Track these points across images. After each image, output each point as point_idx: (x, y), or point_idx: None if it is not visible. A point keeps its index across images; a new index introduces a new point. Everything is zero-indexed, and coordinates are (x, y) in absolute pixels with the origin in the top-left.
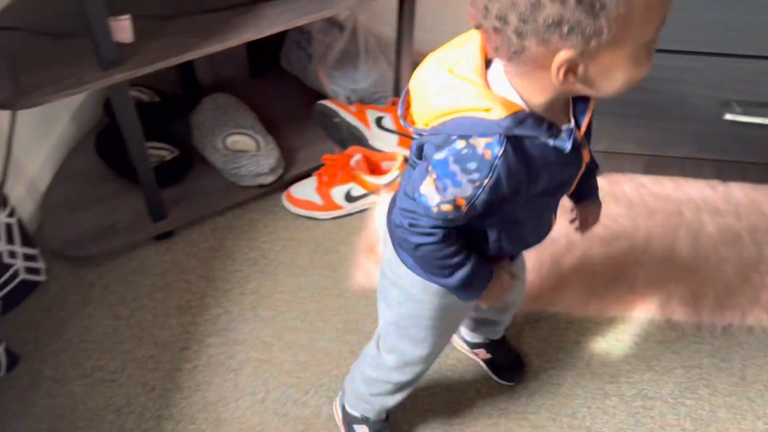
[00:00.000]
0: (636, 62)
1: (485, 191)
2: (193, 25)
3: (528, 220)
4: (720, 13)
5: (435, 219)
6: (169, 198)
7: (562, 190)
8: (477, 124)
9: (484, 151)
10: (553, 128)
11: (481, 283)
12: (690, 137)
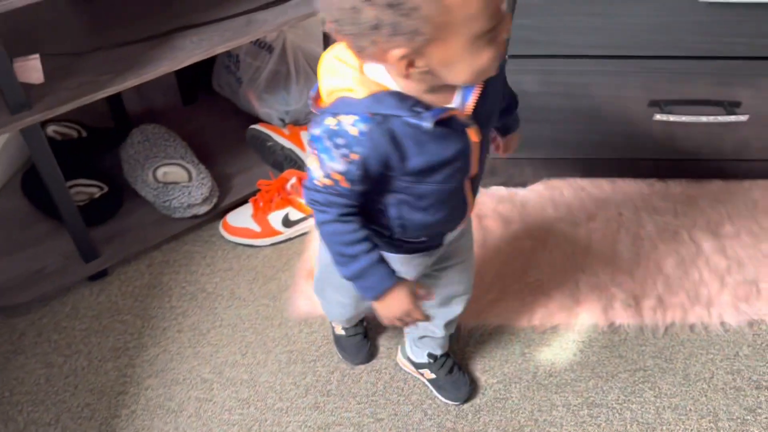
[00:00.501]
0: (475, 53)
1: (357, 166)
2: (108, 61)
3: (433, 200)
4: (640, 18)
5: (324, 193)
6: (101, 236)
7: (456, 168)
8: (347, 103)
9: (351, 128)
10: (418, 107)
11: (375, 285)
12: (624, 139)
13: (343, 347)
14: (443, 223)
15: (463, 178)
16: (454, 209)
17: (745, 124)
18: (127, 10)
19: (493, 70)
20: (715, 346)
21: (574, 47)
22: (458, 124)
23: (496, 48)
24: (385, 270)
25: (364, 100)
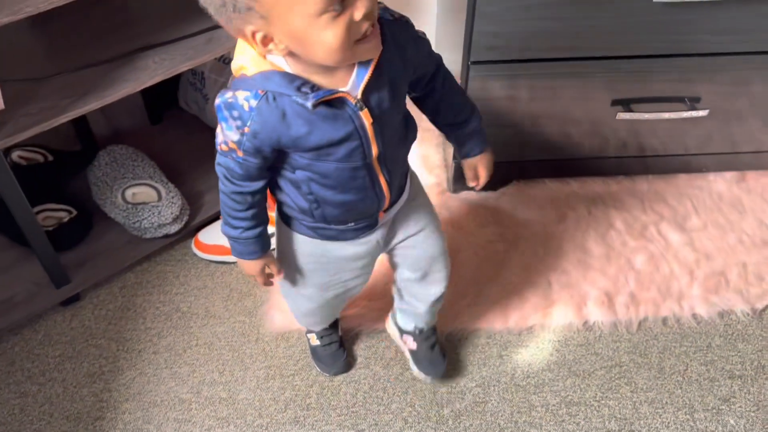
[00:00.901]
0: (320, 30)
1: (248, 138)
2: (69, 84)
3: (338, 179)
4: (597, 20)
5: (225, 157)
6: (72, 260)
7: (353, 148)
8: (242, 80)
9: (243, 103)
10: (305, 87)
11: (240, 252)
12: (590, 138)
13: (320, 358)
14: (358, 203)
15: (365, 159)
16: (365, 189)
17: (706, 119)
18: (87, 32)
19: (365, 52)
20: (688, 339)
21: (536, 51)
22: (350, 106)
23: (346, 28)
24: (253, 247)
25: (255, 77)
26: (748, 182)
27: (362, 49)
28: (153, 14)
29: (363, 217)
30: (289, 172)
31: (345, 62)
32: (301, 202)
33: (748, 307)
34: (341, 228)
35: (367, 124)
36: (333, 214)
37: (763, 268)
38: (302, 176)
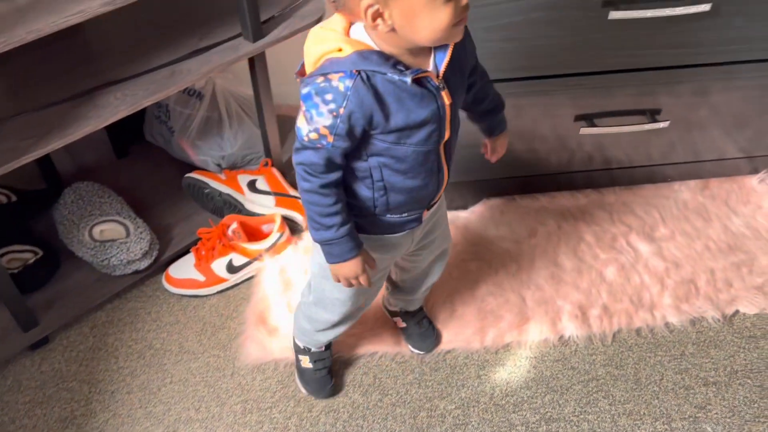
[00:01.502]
0: (435, 9)
1: (343, 120)
2: (29, 125)
3: (412, 163)
4: (555, 39)
5: (310, 149)
6: (39, 302)
7: (432, 129)
8: (334, 62)
9: (338, 84)
10: (399, 66)
11: (339, 254)
12: (557, 154)
13: (307, 381)
14: (422, 189)
15: (438, 142)
16: (431, 174)
17: (668, 130)
18: (47, 71)
19: (457, 34)
20: (661, 348)
21: (498, 71)
22: (433, 86)
23: (455, 8)
24: (352, 243)
25: (351, 56)
26: (711, 189)
27: (455, 32)
28: (114, 50)
29: (418, 207)
30: (362, 161)
31: (439, 42)
32: (366, 192)
33: (719, 313)
34: (395, 218)
35: (446, 105)
36: (397, 200)
37: (730, 274)
38: (375, 163)
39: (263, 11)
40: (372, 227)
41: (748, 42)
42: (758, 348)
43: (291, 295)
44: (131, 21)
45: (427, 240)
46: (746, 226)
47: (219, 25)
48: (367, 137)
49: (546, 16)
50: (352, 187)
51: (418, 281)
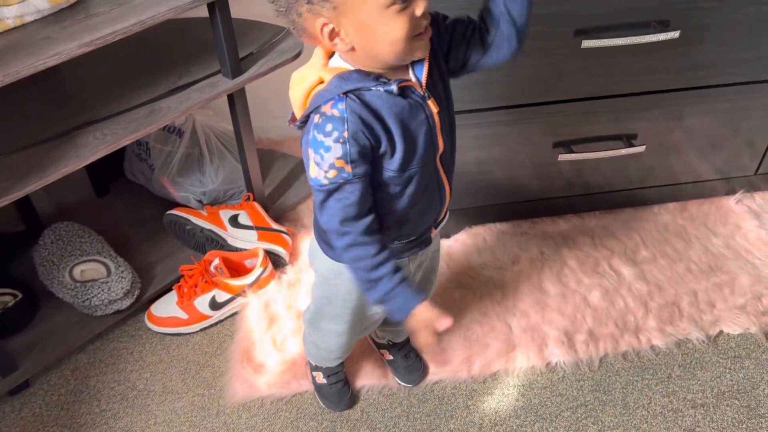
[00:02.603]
0: (386, 22)
1: (351, 143)
2: (6, 167)
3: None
4: (531, 68)
5: (333, 191)
6: (19, 346)
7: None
8: (320, 94)
9: (332, 112)
10: (381, 78)
11: (403, 306)
12: (537, 181)
13: (326, 396)
14: (426, 208)
15: (434, 155)
16: (433, 192)
17: (645, 154)
18: (24, 112)
19: (419, 49)
20: (648, 371)
21: (477, 102)
22: (418, 95)
23: (409, 21)
24: (411, 290)
25: (332, 82)
26: (690, 211)
27: (417, 46)
28: (93, 89)
29: (423, 228)
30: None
31: (402, 56)
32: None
33: (703, 335)
34: (402, 245)
35: (434, 112)
36: (403, 224)
37: (712, 295)
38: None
39: (241, 48)
40: None
41: (718, 66)
42: (743, 368)
43: (275, 331)
44: (110, 60)
45: (421, 267)
46: (726, 246)
47: (198, 63)
48: (376, 160)
49: None
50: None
51: None
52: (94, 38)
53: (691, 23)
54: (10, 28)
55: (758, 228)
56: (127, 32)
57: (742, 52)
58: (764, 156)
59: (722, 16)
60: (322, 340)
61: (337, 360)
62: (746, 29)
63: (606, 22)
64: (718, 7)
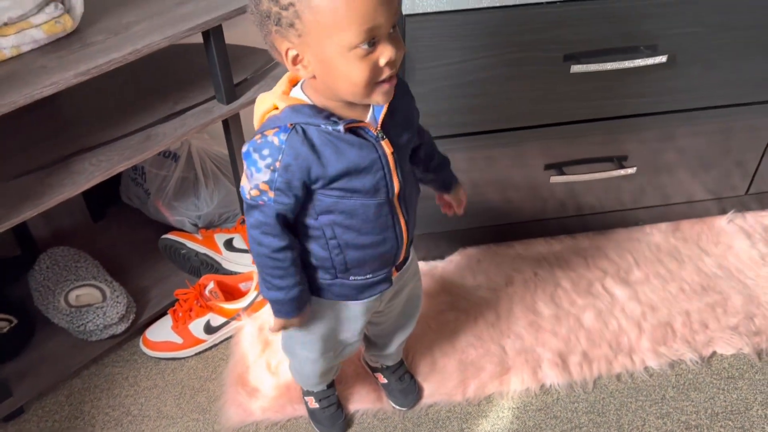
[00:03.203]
0: (348, 64)
1: (280, 173)
2: (3, 194)
3: (362, 218)
4: (521, 93)
5: (254, 207)
6: (13, 371)
7: (377, 180)
8: (271, 119)
9: (273, 138)
10: (332, 117)
11: (285, 312)
12: (529, 202)
13: (319, 420)
14: (379, 245)
15: (388, 194)
16: (386, 230)
17: (636, 175)
18: (20, 140)
19: (380, 96)
20: (642, 393)
21: (469, 125)
22: (371, 136)
23: (371, 68)
24: (297, 305)
25: (285, 111)
26: (683, 231)
27: (379, 92)
28: (89, 116)
29: (381, 267)
30: (312, 219)
31: (361, 99)
32: (322, 253)
33: (696, 355)
34: (360, 281)
35: (388, 153)
36: (355, 258)
37: (705, 315)
38: (326, 220)
39: (236, 74)
40: (342, 291)
41: (706, 89)
42: (737, 389)
43: (270, 354)
44: (106, 86)
45: (398, 297)
46: (718, 266)
47: (193, 89)
48: (311, 193)
49: (510, 72)
50: (308, 247)
51: (390, 336)
52: (89, 67)
53: (677, 48)
54: (6, 58)
55: (750, 248)
56: (122, 61)
57: (728, 75)
58: (754, 176)
59: (707, 41)
60: (298, 365)
61: (319, 385)
62: (731, 53)
63: (594, 47)
64: (703, 32)
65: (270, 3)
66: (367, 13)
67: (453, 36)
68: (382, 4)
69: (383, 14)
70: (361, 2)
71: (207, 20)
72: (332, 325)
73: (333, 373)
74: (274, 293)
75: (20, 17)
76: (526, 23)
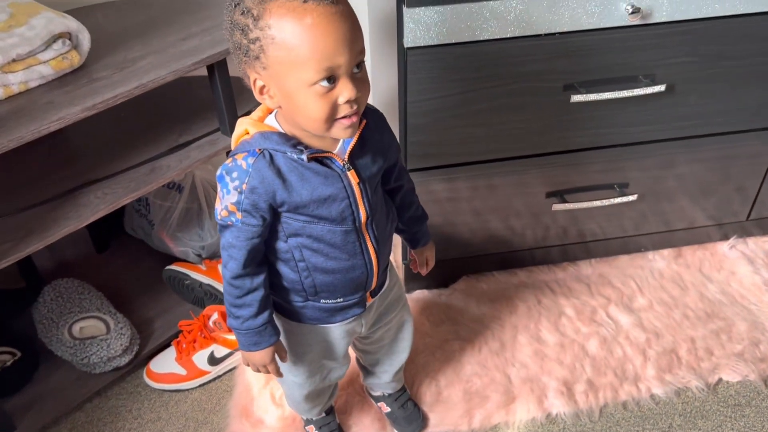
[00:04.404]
0: (308, 98)
1: (246, 195)
2: (7, 228)
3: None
4: (522, 123)
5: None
6: (17, 405)
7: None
8: (242, 144)
9: (242, 162)
10: (299, 146)
11: (246, 344)
12: (532, 229)
13: None
14: (348, 270)
15: (355, 222)
16: (354, 256)
17: (637, 202)
18: (26, 173)
19: (341, 131)
20: (649, 422)
21: (470, 155)
22: (337, 166)
23: (330, 105)
24: (258, 338)
25: (255, 137)
26: (685, 257)
27: (339, 127)
28: (93, 149)
29: (352, 292)
30: (282, 242)
31: (321, 133)
32: (292, 275)
33: (702, 383)
34: (330, 305)
35: (354, 183)
36: (324, 281)
37: (710, 342)
38: (294, 243)
39: (240, 106)
40: (315, 314)
41: (705, 117)
42: (744, 416)
43: (274, 385)
44: (111, 119)
45: (382, 322)
46: (721, 292)
47: (197, 121)
48: (277, 215)
49: (511, 102)
50: (279, 269)
51: (384, 365)
52: (96, 102)
53: (675, 77)
54: (15, 93)
55: (753, 273)
56: (128, 95)
57: (726, 103)
58: (755, 202)
59: (704, 70)
60: (288, 390)
61: (310, 411)
62: (727, 82)
63: (593, 77)
64: (699, 61)
65: (240, 35)
66: (326, 52)
67: (453, 68)
68: (343, 44)
69: (344, 54)
70: (321, 41)
71: (211, 54)
72: (314, 349)
73: (326, 398)
74: (230, 320)
75: (28, 53)
76: (525, 54)
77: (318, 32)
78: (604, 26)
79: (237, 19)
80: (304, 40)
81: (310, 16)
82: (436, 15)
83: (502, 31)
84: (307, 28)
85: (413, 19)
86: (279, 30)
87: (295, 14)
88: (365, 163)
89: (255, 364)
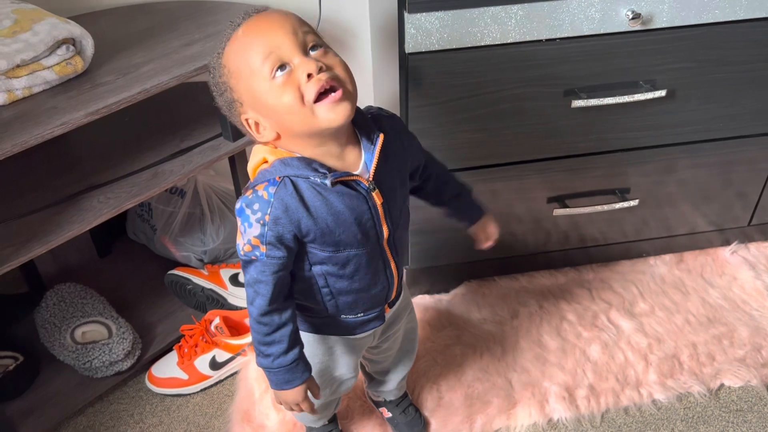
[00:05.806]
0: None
1: (270, 226)
2: (11, 233)
3: (356, 266)
4: (523, 128)
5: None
6: (18, 409)
7: (367, 228)
8: (262, 173)
9: (263, 193)
10: (322, 169)
11: (278, 382)
12: (533, 235)
13: None
14: (371, 288)
15: (378, 241)
16: (378, 273)
17: (638, 207)
18: (29, 178)
19: (327, 113)
20: (650, 427)
21: (472, 160)
22: (363, 188)
23: (294, 89)
24: (290, 375)
25: (274, 164)
26: (686, 263)
27: (323, 110)
28: (96, 154)
29: (373, 307)
30: (306, 271)
31: (312, 126)
32: (314, 297)
33: (704, 388)
34: (350, 319)
35: (378, 204)
36: (346, 302)
37: (712, 347)
38: (319, 271)
39: None
40: (333, 328)
41: (705, 122)
42: (746, 422)
43: None
44: (114, 124)
45: (390, 332)
46: (723, 297)
47: (199, 126)
48: (303, 246)
49: (512, 108)
50: (302, 294)
51: (390, 372)
52: (99, 107)
53: (676, 82)
54: (18, 98)
55: (754, 279)
56: (131, 101)
57: (726, 108)
58: (756, 207)
59: (704, 75)
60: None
61: (316, 422)
62: (728, 87)
63: (594, 83)
64: (699, 67)
65: (222, 94)
66: (263, 41)
67: (455, 73)
68: (279, 32)
69: (283, 39)
70: (256, 39)
71: None
72: (326, 362)
73: (332, 408)
74: (260, 359)
75: (32, 59)
76: (526, 60)
77: (250, 34)
78: (605, 32)
79: (214, 84)
80: (244, 49)
81: (241, 29)
82: (438, 21)
83: (503, 36)
84: (240, 39)
85: (414, 25)
86: (229, 60)
87: (232, 39)
88: (391, 176)
89: (288, 402)
